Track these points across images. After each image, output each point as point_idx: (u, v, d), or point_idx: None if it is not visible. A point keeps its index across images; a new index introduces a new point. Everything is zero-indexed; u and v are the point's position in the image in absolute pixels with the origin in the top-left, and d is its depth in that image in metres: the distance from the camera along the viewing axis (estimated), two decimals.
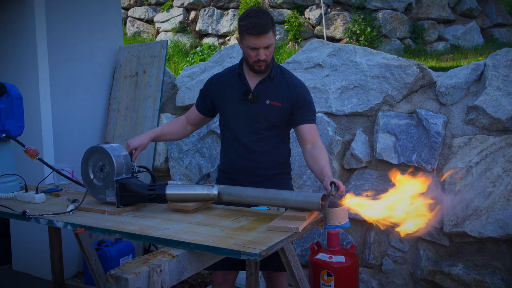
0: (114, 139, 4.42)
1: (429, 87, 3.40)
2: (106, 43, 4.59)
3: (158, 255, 1.64)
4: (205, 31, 10.36)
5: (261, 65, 2.43)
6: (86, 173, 2.28)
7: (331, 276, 3.00)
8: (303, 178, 3.63)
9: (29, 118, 3.60)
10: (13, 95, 2.64)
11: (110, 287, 1.49)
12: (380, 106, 3.48)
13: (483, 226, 3.01)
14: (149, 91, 4.38)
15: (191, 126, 2.75)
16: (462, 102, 3.24)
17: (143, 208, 2.25)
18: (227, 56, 4.33)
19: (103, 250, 3.56)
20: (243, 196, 2.10)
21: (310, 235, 3.61)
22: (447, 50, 9.30)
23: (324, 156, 2.37)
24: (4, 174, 2.56)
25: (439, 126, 3.20)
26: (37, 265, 4.20)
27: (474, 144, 3.11)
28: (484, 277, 3.05)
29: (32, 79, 4.02)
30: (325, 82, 3.67)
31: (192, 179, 4.18)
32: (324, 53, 3.78)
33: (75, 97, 4.27)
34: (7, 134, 2.59)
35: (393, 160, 3.32)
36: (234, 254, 1.64)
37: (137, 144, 2.47)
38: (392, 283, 3.41)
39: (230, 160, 2.61)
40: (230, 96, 2.56)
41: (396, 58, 3.55)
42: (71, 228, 2.01)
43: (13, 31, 4.09)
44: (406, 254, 3.35)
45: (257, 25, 2.32)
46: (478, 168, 3.06)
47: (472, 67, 3.27)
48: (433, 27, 9.63)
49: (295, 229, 1.83)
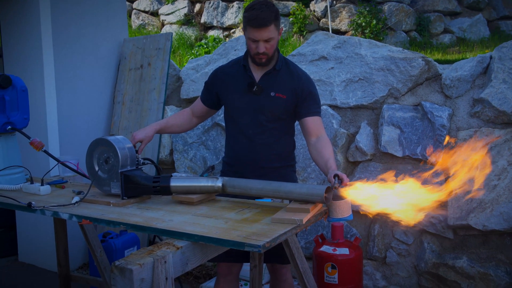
0: (119, 132, 4.43)
1: (435, 79, 3.38)
2: (111, 36, 4.59)
3: (163, 246, 1.65)
4: (210, 23, 10.34)
5: (261, 58, 2.43)
6: (91, 165, 2.29)
7: (335, 268, 3.01)
8: (307, 170, 3.63)
9: (34, 110, 3.61)
10: (18, 87, 2.65)
11: (115, 278, 1.50)
12: (385, 99, 3.47)
13: (487, 219, 3.00)
14: (154, 83, 4.38)
15: (196, 119, 2.75)
16: (467, 95, 3.23)
17: (148, 200, 2.26)
18: (232, 48, 4.32)
19: (108, 242, 3.58)
20: (247, 188, 2.10)
21: (314, 227, 3.61)
22: (453, 42, 9.25)
23: (329, 149, 2.36)
24: (10, 166, 2.58)
25: (444, 119, 3.18)
26: (43, 257, 4.24)
27: (480, 137, 3.10)
28: (488, 270, 3.05)
29: (37, 72, 4.03)
30: (330, 75, 3.66)
31: (196, 171, 4.19)
32: (329, 45, 3.77)
33: (80, 90, 4.29)
34: (13, 126, 2.60)
35: (398, 153, 3.31)
36: (238, 245, 1.64)
37: (142, 136, 2.47)
38: (396, 276, 3.41)
39: (235, 152, 2.61)
40: (235, 88, 2.55)
41: (401, 50, 3.53)
42: (76, 220, 2.02)
43: (18, 24, 4.10)
44: (410, 246, 3.35)
45: (258, 17, 2.32)
46: (483, 161, 3.05)
47: (477, 60, 3.25)
48: (439, 20, 9.57)
49: (299, 221, 1.83)
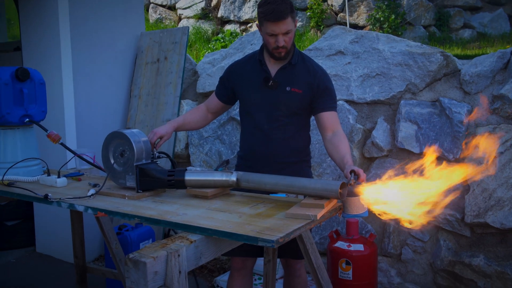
0: (135, 125, 4.45)
1: (453, 75, 3.33)
2: (128, 29, 4.61)
3: (176, 240, 1.65)
4: (227, 17, 10.34)
5: (280, 52, 2.41)
6: (107, 158, 2.30)
7: (349, 264, 2.99)
8: (322, 166, 3.61)
9: (52, 103, 3.65)
10: (36, 80, 2.68)
11: (129, 270, 1.51)
12: (403, 94, 3.43)
13: (505, 217, 2.96)
14: (170, 77, 4.39)
15: (211, 114, 2.75)
16: (487, 91, 3.17)
17: (163, 193, 2.27)
18: (248, 43, 4.31)
19: (123, 235, 3.61)
20: (262, 183, 2.09)
21: (329, 223, 3.60)
22: (473, 38, 9.12)
23: (345, 144, 2.34)
24: (27, 158, 2.61)
25: (462, 115, 3.14)
26: (60, 248, 4.29)
27: (499, 133, 3.04)
28: (505, 269, 3.00)
29: (55, 65, 4.07)
30: (346, 70, 3.63)
31: (212, 165, 4.20)
32: (346, 40, 3.74)
33: (97, 83, 4.31)
34: (30, 118, 2.63)
35: (415, 149, 3.28)
36: (252, 240, 1.64)
37: (163, 132, 2.48)
38: (411, 273, 3.38)
39: (250, 147, 2.61)
40: (251, 83, 2.54)
41: (419, 45, 3.48)
42: (91, 212, 2.03)
43: (37, 17, 4.14)
44: (426, 244, 3.32)
45: (275, 11, 2.30)
46: (502, 158, 3.00)
47: (498, 55, 3.19)
48: (459, 15, 9.44)
49: (313, 216, 1.82)
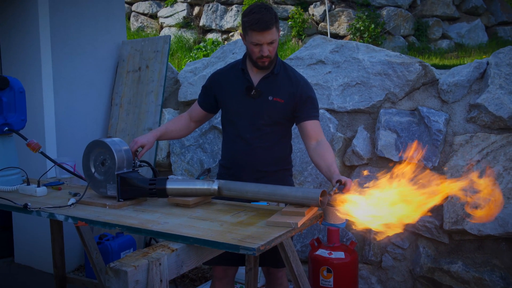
0: (116, 134, 4.43)
1: (432, 84, 3.39)
2: (109, 38, 4.59)
3: (158, 248, 1.65)
4: (208, 26, 10.37)
5: (264, 61, 2.43)
6: (88, 167, 2.29)
7: (330, 272, 3.01)
8: (304, 174, 3.64)
9: (32, 112, 3.61)
10: (16, 88, 2.66)
11: (110, 279, 1.50)
12: (382, 103, 3.48)
13: (483, 224, 3.01)
14: (151, 86, 4.39)
15: (194, 123, 2.75)
16: (464, 100, 3.24)
17: (144, 202, 2.26)
18: (230, 52, 4.33)
19: (104, 244, 3.58)
20: (243, 191, 2.11)
21: (310, 231, 3.62)
22: (451, 48, 9.28)
23: (331, 153, 2.37)
24: (6, 167, 2.58)
25: (440, 124, 3.20)
26: (39, 258, 4.23)
27: (476, 142, 3.11)
28: (483, 275, 3.05)
29: (35, 73, 4.03)
30: (327, 79, 3.67)
31: (193, 174, 4.19)
32: (326, 49, 3.78)
33: (78, 92, 4.29)
34: (10, 127, 2.61)
35: (394, 157, 3.32)
36: (233, 248, 1.65)
37: (144, 141, 2.47)
38: (391, 280, 3.42)
39: (232, 155, 2.61)
40: (233, 92, 2.55)
41: (398, 55, 3.54)
42: (72, 221, 2.02)
43: (16, 25, 4.10)
44: (406, 251, 3.36)
45: (261, 21, 2.32)
46: (479, 166, 3.06)
47: (474, 65, 3.27)
48: (437, 25, 9.61)
49: (294, 224, 1.84)
